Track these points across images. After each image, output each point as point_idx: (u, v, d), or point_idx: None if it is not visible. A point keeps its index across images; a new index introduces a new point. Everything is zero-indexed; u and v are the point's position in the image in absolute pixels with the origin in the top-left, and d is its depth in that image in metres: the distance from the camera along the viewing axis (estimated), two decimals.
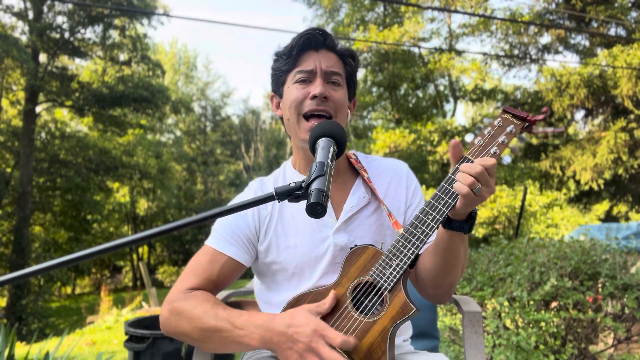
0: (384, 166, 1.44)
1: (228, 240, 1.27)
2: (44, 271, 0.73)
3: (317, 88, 1.27)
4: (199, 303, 1.17)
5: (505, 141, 1.13)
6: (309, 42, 1.30)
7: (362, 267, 1.18)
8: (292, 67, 1.32)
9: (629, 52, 11.41)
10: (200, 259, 1.28)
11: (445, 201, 1.11)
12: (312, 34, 1.30)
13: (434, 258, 1.19)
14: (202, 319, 1.14)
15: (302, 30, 1.33)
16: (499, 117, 1.17)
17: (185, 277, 1.25)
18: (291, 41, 1.32)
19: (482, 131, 1.16)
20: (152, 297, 11.74)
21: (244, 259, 1.28)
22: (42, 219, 20.72)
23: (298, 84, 1.30)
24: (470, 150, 1.14)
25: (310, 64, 1.30)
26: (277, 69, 1.36)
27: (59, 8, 16.66)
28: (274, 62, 1.37)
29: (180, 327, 1.18)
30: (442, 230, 1.14)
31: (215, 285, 1.26)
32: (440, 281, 1.21)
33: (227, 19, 69.30)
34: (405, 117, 19.98)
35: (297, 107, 1.28)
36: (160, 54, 29.24)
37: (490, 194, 1.06)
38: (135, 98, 17.45)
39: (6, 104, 18.35)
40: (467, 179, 1.03)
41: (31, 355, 3.66)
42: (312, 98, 1.27)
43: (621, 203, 14.77)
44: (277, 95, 1.38)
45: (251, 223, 1.30)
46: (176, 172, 26.47)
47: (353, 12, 19.03)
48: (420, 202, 1.41)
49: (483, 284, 3.21)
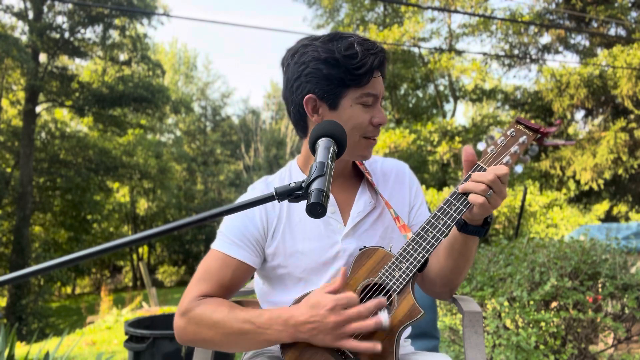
0: (387, 168, 1.43)
1: (237, 244, 1.25)
2: (44, 271, 0.73)
3: (382, 117, 1.26)
4: (215, 308, 1.16)
5: (518, 151, 1.17)
6: (381, 65, 1.24)
7: (371, 269, 1.19)
8: (359, 84, 1.23)
9: (629, 52, 11.41)
10: (210, 264, 1.25)
11: (457, 206, 1.15)
12: (384, 55, 1.24)
13: (447, 260, 1.23)
14: (223, 324, 1.13)
15: (363, 42, 1.23)
16: (512, 128, 1.21)
17: (195, 284, 1.23)
18: (360, 54, 1.20)
19: (494, 140, 1.20)
20: (152, 297, 11.74)
21: (255, 262, 1.27)
22: (42, 219, 20.72)
23: (363, 107, 1.24)
24: (483, 158, 1.18)
25: (377, 88, 1.25)
26: (336, 77, 1.22)
27: (59, 8, 16.67)
28: (326, 66, 1.21)
29: (201, 335, 1.16)
30: (458, 234, 1.18)
31: (228, 291, 1.24)
32: (451, 281, 1.26)
33: (227, 19, 69.33)
34: (405, 117, 19.97)
35: (359, 129, 1.25)
36: (160, 54, 29.23)
37: (502, 201, 1.11)
38: (135, 98, 17.46)
39: (6, 104, 18.34)
40: (480, 187, 1.08)
41: (31, 355, 3.66)
42: (377, 125, 1.26)
43: (621, 203, 14.77)
44: (325, 103, 1.25)
45: (259, 225, 1.28)
46: (176, 172, 26.45)
47: (353, 12, 19.02)
48: (423, 204, 1.42)
49: (483, 284, 3.21)
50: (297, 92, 1.26)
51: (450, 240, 1.21)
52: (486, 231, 1.17)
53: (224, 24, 57.70)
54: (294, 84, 1.26)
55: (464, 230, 1.16)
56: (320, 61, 1.21)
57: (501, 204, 8.79)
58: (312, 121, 1.28)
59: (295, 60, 1.26)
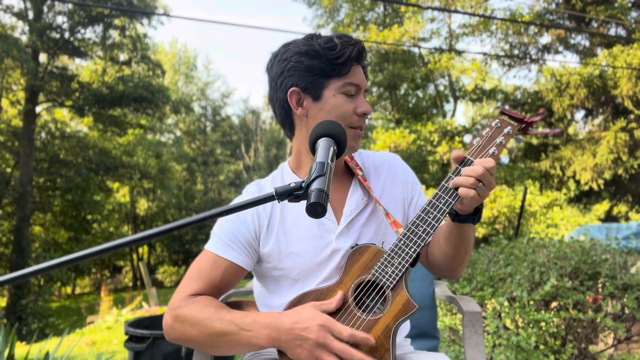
0: (378, 161, 1.43)
1: (229, 245, 1.26)
2: (44, 271, 0.73)
3: (367, 107, 1.28)
4: (202, 308, 1.17)
5: (503, 142, 1.18)
6: (359, 55, 1.27)
7: (364, 266, 1.19)
8: (340, 75, 1.25)
9: (629, 52, 11.42)
10: (202, 264, 1.26)
11: (446, 200, 1.16)
12: (363, 46, 1.28)
13: (448, 247, 1.26)
14: (207, 324, 1.13)
15: (341, 36, 1.28)
16: (497, 119, 1.21)
17: (186, 283, 1.24)
18: (339, 45, 1.24)
19: (480, 132, 1.21)
20: (152, 297, 11.74)
21: (246, 263, 1.27)
22: (42, 219, 20.72)
23: (345, 96, 1.26)
24: (469, 150, 1.19)
25: (358, 78, 1.28)
26: (317, 67, 1.24)
27: (59, 8, 16.67)
28: (307, 58, 1.24)
29: (186, 333, 1.17)
30: (452, 224, 1.21)
31: (218, 290, 1.25)
32: (456, 264, 1.31)
33: (227, 19, 69.31)
34: (405, 117, 19.97)
35: (344, 119, 1.26)
36: (160, 54, 29.24)
37: (489, 192, 1.13)
38: (135, 98, 17.46)
39: (6, 104, 18.34)
40: (470, 181, 1.09)
41: (31, 355, 3.66)
42: (361, 115, 1.28)
43: (621, 203, 14.77)
44: (308, 95, 1.27)
45: (251, 227, 1.29)
46: (176, 172, 26.45)
47: (353, 12, 19.02)
48: (421, 194, 1.42)
49: (483, 284, 3.21)
50: (281, 88, 1.28)
51: (447, 229, 1.24)
52: (478, 218, 1.20)
53: (224, 24, 57.71)
54: (277, 80, 1.29)
55: (457, 220, 1.18)
56: (302, 54, 1.25)
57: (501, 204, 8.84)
58: (297, 115, 1.29)
59: (277, 59, 1.29)
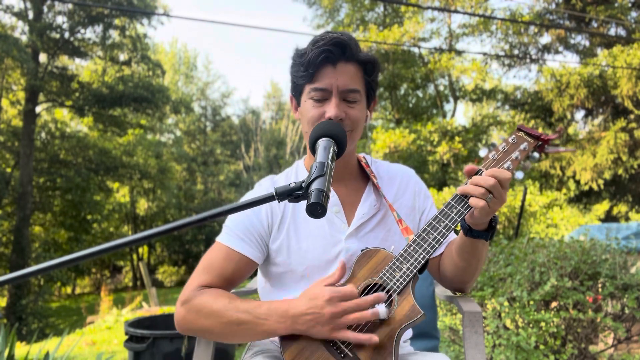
0: (393, 172, 1.45)
1: (242, 238, 1.27)
2: (44, 271, 0.73)
3: (331, 110, 1.22)
4: (216, 298, 1.17)
5: (519, 157, 1.19)
6: (328, 57, 1.23)
7: (372, 269, 1.20)
8: (308, 81, 1.26)
9: (629, 52, 11.41)
10: (214, 256, 1.27)
11: (458, 209, 1.17)
12: (330, 50, 1.21)
13: (460, 260, 1.26)
14: (223, 314, 1.14)
15: (320, 38, 1.24)
16: (514, 134, 1.23)
17: (198, 274, 1.25)
18: (309, 52, 1.23)
19: (496, 147, 1.22)
20: (152, 297, 11.73)
21: (257, 257, 1.28)
22: (42, 219, 20.71)
23: (313, 102, 1.26)
24: (484, 163, 1.20)
25: (326, 82, 1.23)
26: (294, 75, 1.30)
27: (59, 8, 16.66)
28: (291, 66, 1.31)
29: (200, 324, 1.17)
30: (465, 238, 1.21)
31: (229, 283, 1.26)
32: (467, 277, 1.32)
33: (227, 19, 69.31)
34: (405, 117, 19.97)
35: (312, 125, 1.23)
36: (160, 54, 29.21)
37: (500, 205, 1.12)
38: (135, 98, 17.44)
39: (6, 104, 18.33)
40: (479, 190, 1.09)
41: (31, 355, 3.66)
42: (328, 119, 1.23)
43: (621, 203, 14.76)
44: (295, 101, 1.35)
45: (264, 221, 1.30)
46: (176, 172, 26.44)
47: (353, 12, 19.01)
48: (432, 206, 1.44)
49: (483, 284, 3.21)
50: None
51: (460, 243, 1.24)
52: (492, 235, 1.20)
53: (224, 24, 57.71)
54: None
55: (470, 235, 1.19)
56: (292, 63, 1.31)
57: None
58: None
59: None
